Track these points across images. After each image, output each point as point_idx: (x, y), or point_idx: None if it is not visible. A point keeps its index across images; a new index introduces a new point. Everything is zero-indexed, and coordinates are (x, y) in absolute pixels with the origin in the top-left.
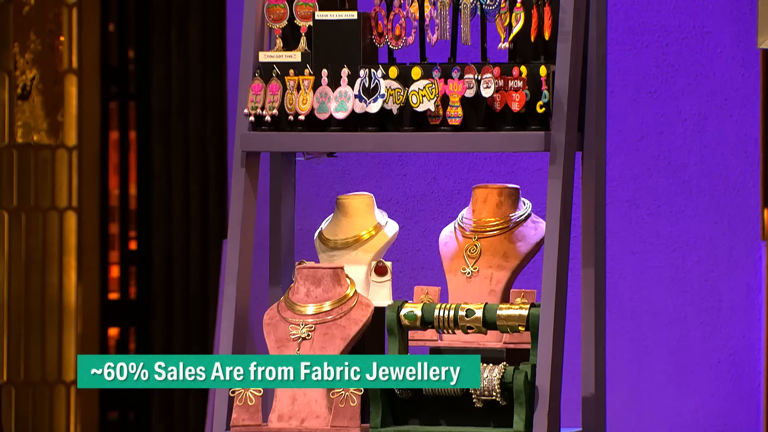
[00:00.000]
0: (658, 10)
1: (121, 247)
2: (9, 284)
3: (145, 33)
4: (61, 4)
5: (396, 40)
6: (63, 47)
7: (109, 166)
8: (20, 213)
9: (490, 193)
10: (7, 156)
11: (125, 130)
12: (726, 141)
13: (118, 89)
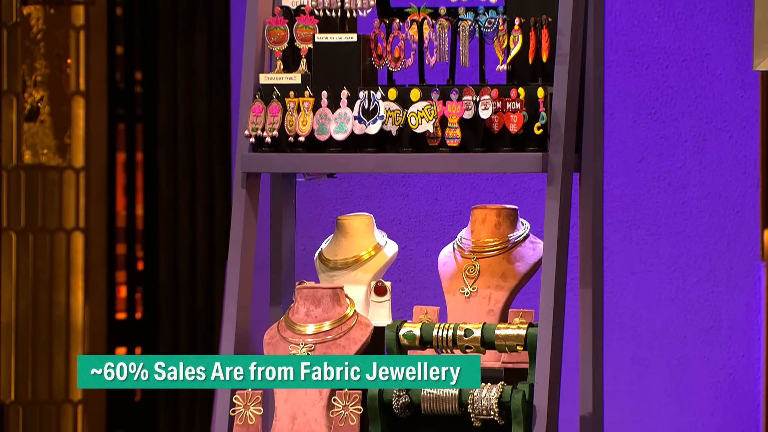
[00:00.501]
0: (657, 32)
1: (128, 267)
2: (17, 304)
3: (151, 55)
4: (69, 27)
5: (395, 62)
6: (70, 69)
7: (117, 187)
8: (28, 234)
9: (489, 214)
10: (15, 177)
11: (132, 151)
12: (725, 162)
13: (125, 111)
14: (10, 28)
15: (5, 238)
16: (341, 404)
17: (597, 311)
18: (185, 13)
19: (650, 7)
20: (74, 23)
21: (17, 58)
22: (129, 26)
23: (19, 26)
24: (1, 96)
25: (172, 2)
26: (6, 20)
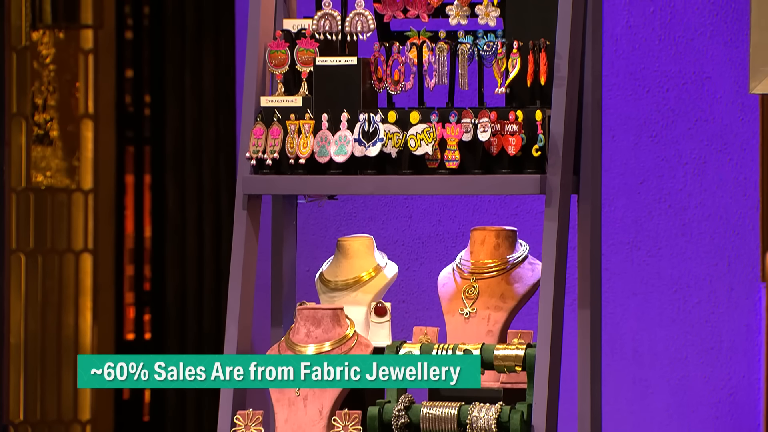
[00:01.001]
0: (658, 56)
1: (136, 288)
2: (26, 325)
3: (159, 79)
4: (78, 50)
5: (395, 85)
6: (79, 93)
7: (125, 208)
8: (37, 255)
9: (488, 235)
10: (24, 199)
11: (140, 173)
12: (726, 184)
13: (134, 133)
14: (20, 52)
15: (14, 259)
16: (341, 424)
17: (595, 332)
18: (193, 37)
19: (651, 31)
20: (83, 47)
21: (26, 81)
22: (137, 50)
23: (28, 50)
24: (11, 119)
25: (180, 26)
26: (15, 44)
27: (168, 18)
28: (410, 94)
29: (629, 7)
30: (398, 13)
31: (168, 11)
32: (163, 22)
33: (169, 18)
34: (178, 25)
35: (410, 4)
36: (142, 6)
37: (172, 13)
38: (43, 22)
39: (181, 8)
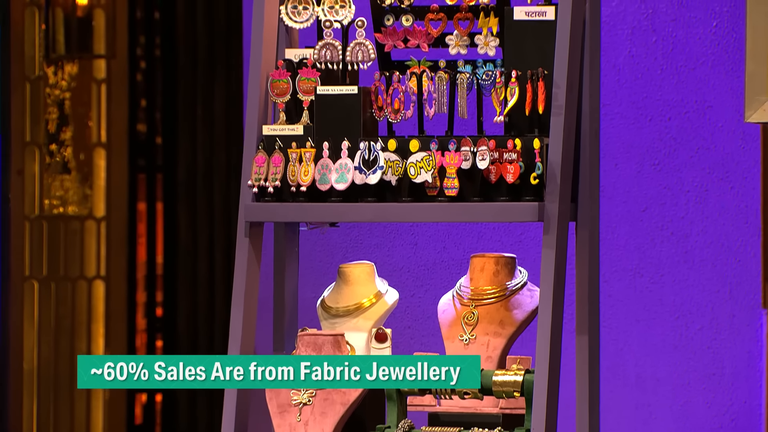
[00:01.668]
0: (661, 85)
1: (148, 314)
2: (39, 351)
3: (171, 108)
4: (91, 80)
5: (395, 113)
6: (92, 122)
7: (137, 236)
8: (50, 282)
9: (487, 262)
10: (37, 227)
11: (152, 201)
12: (727, 212)
13: (146, 162)
14: (33, 82)
15: (28, 286)
16: None
17: (593, 358)
18: (204, 67)
19: (653, 61)
20: (96, 77)
21: (40, 110)
22: (150, 79)
23: (42, 80)
24: (24, 147)
25: (192, 56)
26: (29, 74)
27: (180, 48)
28: (410, 122)
29: (632, 37)
30: (399, 43)
31: (180, 41)
32: (175, 52)
33: (181, 48)
34: (190, 55)
35: (411, 34)
36: (154, 36)
37: (184, 44)
38: (56, 53)
39: (193, 38)
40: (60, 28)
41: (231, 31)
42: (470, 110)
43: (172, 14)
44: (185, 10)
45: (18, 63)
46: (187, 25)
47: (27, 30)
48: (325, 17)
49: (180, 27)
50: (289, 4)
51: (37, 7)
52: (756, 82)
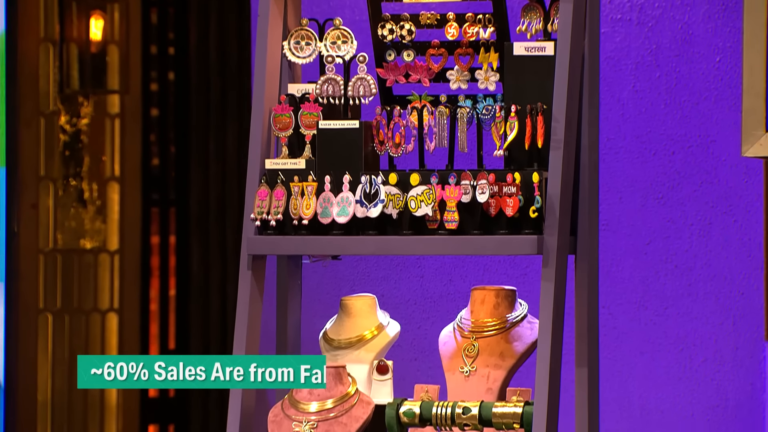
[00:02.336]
0: (664, 119)
1: (161, 346)
2: (53, 383)
3: (184, 142)
4: (105, 115)
5: (396, 147)
6: (106, 156)
7: (150, 269)
8: (64, 315)
9: (488, 295)
10: (51, 260)
11: (165, 234)
12: (731, 245)
13: (159, 195)
14: (48, 116)
15: (42, 319)
16: None
17: (593, 390)
18: (216, 102)
19: (657, 95)
20: (110, 112)
21: (54, 145)
22: (163, 114)
23: (56, 114)
24: (39, 182)
25: (204, 91)
26: (44, 109)
27: (192, 83)
28: (411, 156)
29: (636, 72)
30: (400, 78)
31: (192, 76)
32: (188, 87)
33: (194, 83)
34: (203, 90)
35: (412, 69)
36: (167, 72)
37: (197, 79)
38: (70, 88)
39: (206, 74)
40: (74, 63)
41: (242, 68)
42: (470, 144)
43: (185, 50)
44: (198, 47)
45: (32, 98)
46: (199, 61)
47: (41, 65)
48: (327, 53)
49: (193, 63)
50: (292, 39)
51: (52, 43)
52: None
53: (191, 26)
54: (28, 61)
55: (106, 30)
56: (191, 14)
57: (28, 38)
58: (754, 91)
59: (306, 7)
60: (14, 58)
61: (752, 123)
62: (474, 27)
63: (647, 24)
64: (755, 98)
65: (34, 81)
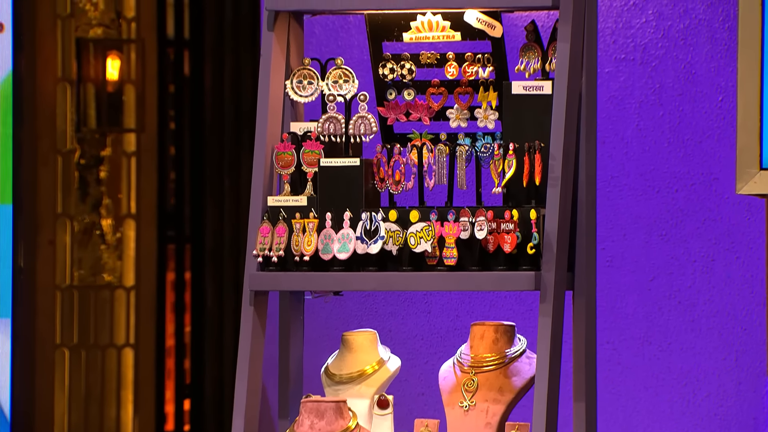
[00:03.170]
0: (668, 157)
1: (177, 381)
2: (69, 418)
3: (199, 180)
4: (121, 153)
5: (396, 185)
6: (122, 194)
7: (166, 304)
8: (80, 350)
9: (487, 330)
10: (68, 296)
11: (181, 270)
12: (733, 281)
13: (175, 232)
14: (65, 155)
15: (59, 354)
16: None
17: (590, 424)
18: (231, 140)
19: (660, 134)
20: (126, 150)
21: (71, 182)
22: (178, 152)
23: (73, 152)
24: (56, 219)
25: (219, 129)
26: (61, 147)
27: (207, 122)
28: (411, 193)
29: (639, 110)
30: (401, 117)
31: (207, 115)
32: (203, 125)
33: (208, 122)
34: (217, 128)
35: (412, 107)
36: (183, 110)
37: (212, 117)
38: (87, 127)
39: (220, 113)
40: (91, 102)
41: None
42: (469, 181)
43: (201, 89)
44: (213, 86)
45: (50, 137)
46: (214, 100)
47: (59, 105)
48: (329, 91)
49: (208, 102)
50: (294, 78)
51: (69, 83)
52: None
53: (206, 66)
54: (46, 101)
55: (122, 70)
56: (206, 54)
57: (45, 78)
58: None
59: (309, 47)
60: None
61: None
62: (473, 66)
63: (650, 63)
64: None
65: (52, 120)
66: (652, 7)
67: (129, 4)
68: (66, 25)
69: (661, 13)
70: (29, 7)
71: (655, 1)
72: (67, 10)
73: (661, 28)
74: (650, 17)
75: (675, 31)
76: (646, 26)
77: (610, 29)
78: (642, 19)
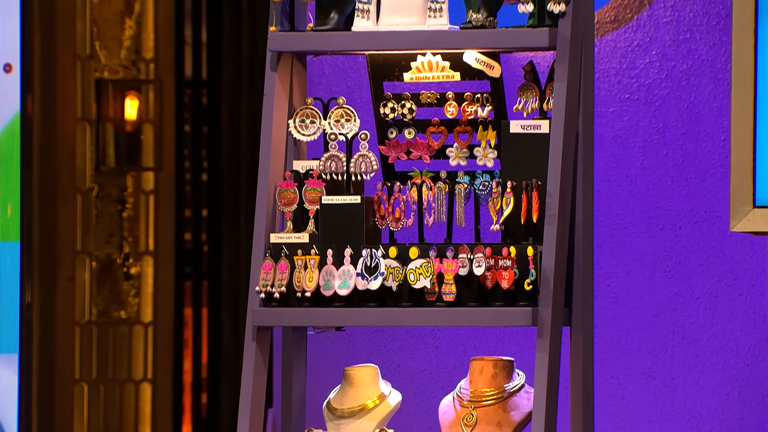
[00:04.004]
0: (671, 195)
1: (194, 416)
2: None
3: (216, 218)
4: (140, 192)
5: (396, 222)
6: (140, 231)
7: (183, 340)
8: (99, 385)
9: (486, 365)
10: (87, 332)
11: (198, 306)
12: (736, 317)
13: (192, 269)
14: (84, 193)
15: (77, 389)
16: None
17: None
18: (247, 179)
19: (664, 172)
20: (144, 188)
21: (90, 220)
22: (195, 190)
23: (92, 191)
24: (75, 255)
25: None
26: (80, 185)
27: (223, 161)
28: (411, 230)
29: (643, 149)
30: (402, 155)
31: (223, 153)
32: (219, 164)
33: (225, 161)
34: (233, 167)
35: (413, 146)
36: (200, 149)
37: (228, 156)
38: (106, 165)
39: (236, 151)
40: (110, 142)
41: None
42: (468, 218)
43: (218, 129)
44: (229, 125)
45: (69, 175)
46: (230, 139)
47: (78, 144)
48: (330, 130)
49: (224, 141)
50: (297, 117)
51: (89, 123)
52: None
53: (223, 106)
54: (66, 140)
55: (141, 110)
56: (223, 94)
57: (65, 118)
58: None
59: (319, 86)
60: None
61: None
62: (472, 106)
63: (654, 103)
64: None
65: (71, 159)
66: (656, 48)
67: (147, 46)
68: (85, 66)
69: (664, 54)
70: (49, 48)
71: (658, 42)
72: (86, 51)
73: (664, 69)
74: (654, 58)
75: (678, 71)
76: (650, 67)
77: (615, 69)
78: (646, 59)
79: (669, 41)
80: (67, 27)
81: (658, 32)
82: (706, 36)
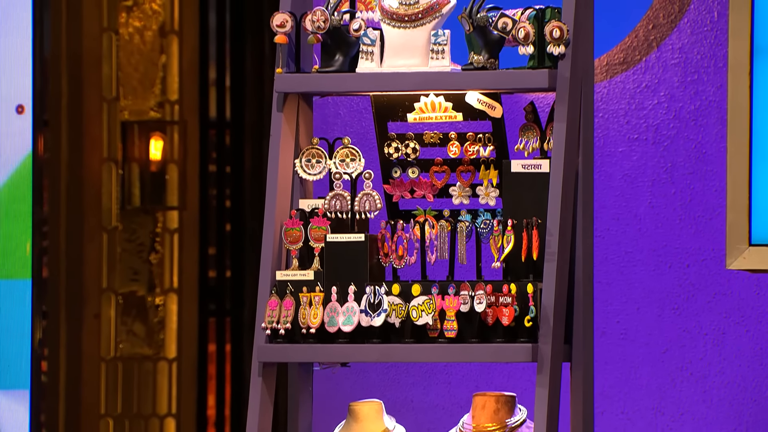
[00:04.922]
0: (680, 234)
1: None
2: None
3: (239, 256)
4: (164, 230)
5: (399, 259)
6: (165, 269)
7: (206, 376)
8: (124, 420)
9: (488, 401)
10: (112, 368)
11: (222, 343)
12: (743, 354)
13: (216, 306)
14: (110, 232)
15: (103, 424)
16: None
17: None
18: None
19: (672, 211)
20: (169, 227)
21: (115, 258)
22: (219, 229)
23: (117, 230)
24: (101, 293)
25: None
26: (106, 224)
27: (246, 200)
28: (413, 267)
29: (652, 188)
30: (406, 194)
31: (246, 194)
32: (243, 203)
33: (248, 200)
34: (256, 206)
35: (417, 185)
36: (224, 189)
37: (251, 196)
38: (131, 205)
39: (260, 191)
40: (135, 181)
41: None
42: (470, 256)
43: (241, 169)
44: (252, 166)
45: (95, 214)
46: (253, 179)
47: (104, 184)
48: (336, 170)
49: (247, 181)
50: (303, 157)
51: (114, 163)
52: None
53: (246, 147)
54: (92, 180)
55: (165, 150)
56: (246, 135)
57: (92, 158)
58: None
59: (334, 126)
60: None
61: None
62: (475, 145)
63: (663, 143)
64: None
65: (98, 198)
66: (664, 89)
67: (173, 88)
68: (112, 108)
69: (672, 95)
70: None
71: (666, 84)
72: (112, 93)
73: (672, 109)
74: (662, 99)
75: (686, 112)
76: (658, 107)
77: (624, 110)
78: (654, 100)
79: (677, 82)
80: (93, 70)
81: (666, 74)
82: (713, 77)
